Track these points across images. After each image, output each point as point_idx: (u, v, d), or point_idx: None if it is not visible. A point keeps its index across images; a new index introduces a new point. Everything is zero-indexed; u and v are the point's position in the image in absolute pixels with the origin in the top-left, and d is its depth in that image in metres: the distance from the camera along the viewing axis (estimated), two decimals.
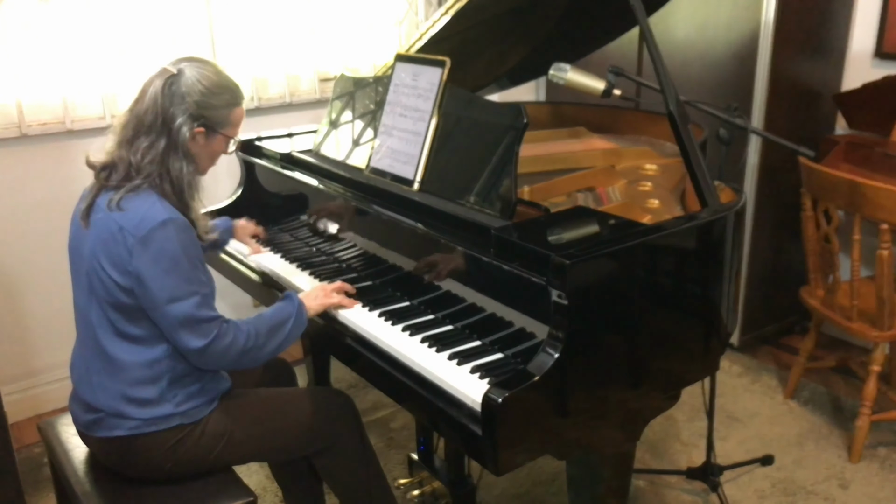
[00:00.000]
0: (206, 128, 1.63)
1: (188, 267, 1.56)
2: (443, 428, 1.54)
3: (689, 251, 1.62)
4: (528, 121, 1.67)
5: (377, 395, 2.96)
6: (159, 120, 1.59)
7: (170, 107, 1.59)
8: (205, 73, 1.63)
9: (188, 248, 1.57)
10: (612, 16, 2.31)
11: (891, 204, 2.26)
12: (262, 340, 1.65)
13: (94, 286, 1.60)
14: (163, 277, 1.53)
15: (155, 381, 1.61)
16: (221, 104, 1.64)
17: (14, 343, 2.85)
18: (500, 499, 2.41)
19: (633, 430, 1.68)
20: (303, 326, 1.73)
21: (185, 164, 1.62)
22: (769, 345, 3.36)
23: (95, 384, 1.64)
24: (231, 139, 1.71)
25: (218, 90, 1.63)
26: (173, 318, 1.55)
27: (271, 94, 3.22)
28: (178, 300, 1.55)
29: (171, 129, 1.59)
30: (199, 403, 1.66)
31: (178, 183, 1.61)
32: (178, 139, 1.60)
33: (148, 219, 1.54)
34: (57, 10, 2.66)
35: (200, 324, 1.57)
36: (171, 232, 1.54)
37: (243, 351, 1.62)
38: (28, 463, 2.62)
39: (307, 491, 2.07)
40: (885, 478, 2.49)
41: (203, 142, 1.65)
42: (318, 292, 1.80)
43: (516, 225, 1.60)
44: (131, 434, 1.62)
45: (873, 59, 3.05)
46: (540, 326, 1.49)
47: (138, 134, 1.60)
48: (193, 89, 1.60)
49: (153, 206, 1.56)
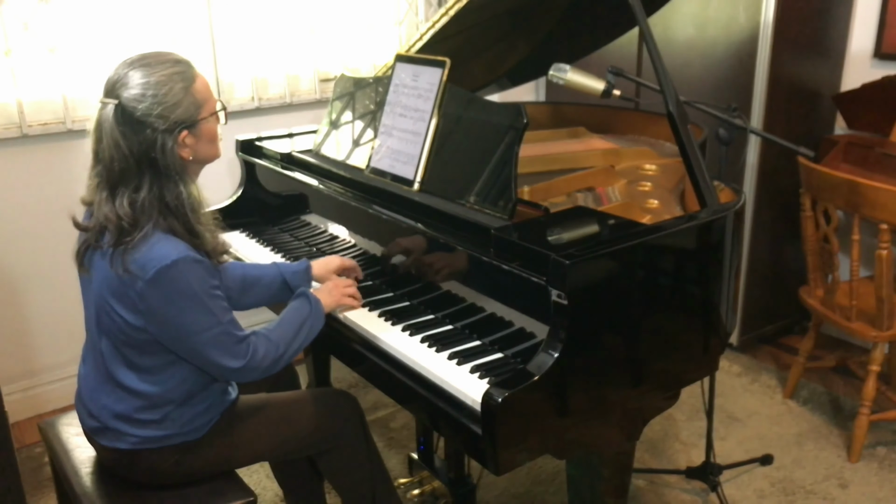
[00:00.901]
0: (187, 127, 1.48)
1: (206, 299, 1.47)
2: (443, 427, 1.54)
3: (688, 251, 1.63)
4: (528, 121, 1.68)
5: (377, 395, 2.97)
6: (132, 160, 1.43)
7: (137, 139, 1.43)
8: (141, 80, 1.44)
9: (203, 281, 1.47)
10: (612, 16, 2.31)
11: (890, 204, 2.27)
12: (289, 344, 1.62)
13: (102, 321, 1.54)
14: (180, 316, 1.46)
15: (161, 406, 1.59)
16: (180, 95, 1.46)
17: (15, 343, 2.85)
18: (500, 498, 2.42)
19: (632, 429, 1.68)
20: (321, 323, 1.69)
21: (182, 185, 1.48)
22: (768, 344, 3.36)
23: (101, 403, 1.61)
24: (217, 112, 1.56)
25: (166, 84, 1.45)
26: (203, 347, 1.49)
27: (271, 95, 3.22)
28: (203, 331, 1.48)
29: (155, 157, 1.44)
30: (204, 421, 1.65)
31: (181, 211, 1.48)
32: (168, 161, 1.45)
33: (154, 260, 1.43)
34: (57, 10, 2.66)
35: (232, 346, 1.52)
36: (182, 271, 1.44)
37: (276, 359, 1.59)
38: (29, 463, 2.63)
39: (307, 490, 2.07)
40: (884, 477, 2.49)
41: (192, 140, 1.50)
42: (332, 288, 1.75)
43: (516, 225, 1.60)
44: (134, 448, 1.61)
45: (872, 60, 3.06)
46: (540, 326, 1.50)
47: (115, 187, 1.45)
48: (146, 104, 1.42)
49: (157, 244, 1.44)
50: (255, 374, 1.58)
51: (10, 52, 2.61)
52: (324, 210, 2.18)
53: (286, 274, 1.85)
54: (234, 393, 1.74)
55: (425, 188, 1.85)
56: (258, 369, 1.57)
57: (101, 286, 1.52)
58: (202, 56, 2.99)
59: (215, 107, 1.56)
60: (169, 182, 1.47)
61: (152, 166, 1.45)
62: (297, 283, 1.84)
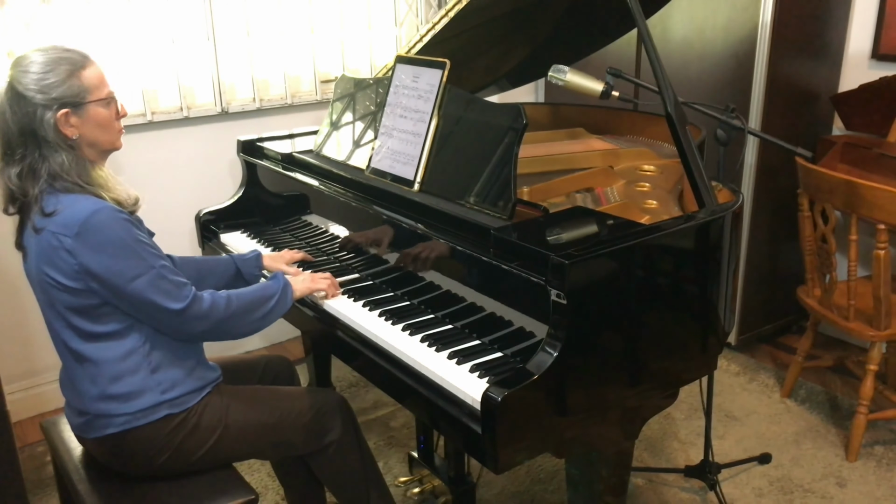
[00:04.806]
0: (69, 106, 1.55)
1: (134, 245, 1.55)
2: (443, 426, 1.55)
3: (686, 251, 1.64)
4: (528, 122, 1.69)
5: (377, 394, 2.98)
6: (16, 130, 1.54)
7: (19, 111, 1.53)
8: (28, 61, 1.55)
9: (126, 230, 1.54)
10: (611, 18, 2.32)
11: (887, 204, 2.28)
12: (244, 311, 1.68)
13: (51, 298, 1.60)
14: (113, 263, 1.52)
15: (133, 373, 1.62)
16: (63, 77, 1.54)
17: (17, 342, 2.86)
18: (499, 497, 2.43)
19: (631, 428, 1.69)
20: (287, 305, 1.77)
21: (65, 154, 1.56)
22: (767, 344, 3.37)
23: (78, 390, 1.65)
24: (108, 101, 1.62)
25: (50, 66, 1.54)
26: (142, 292, 1.55)
27: (272, 96, 3.23)
28: (140, 276, 1.54)
29: (36, 130, 1.54)
30: (186, 391, 1.66)
31: (70, 178, 1.56)
32: (48, 134, 1.54)
33: (75, 214, 1.52)
34: (57, 10, 2.67)
35: (171, 289, 1.57)
36: (103, 219, 1.52)
37: (224, 318, 1.65)
38: (31, 462, 2.64)
39: (308, 489, 2.08)
40: (881, 476, 2.50)
41: (77, 120, 1.57)
42: (306, 276, 1.86)
43: (516, 225, 1.61)
44: (122, 430, 1.62)
45: (870, 61, 3.07)
46: (539, 325, 1.51)
47: (5, 156, 1.57)
48: (27, 81, 1.53)
49: (76, 201, 1.54)
50: (201, 323, 1.62)
51: (11, 52, 2.61)
52: (324, 210, 2.19)
53: (238, 262, 2.01)
54: (216, 369, 1.76)
55: (425, 189, 1.86)
56: (205, 318, 1.62)
57: (38, 260, 1.57)
58: (203, 57, 3.00)
59: (104, 95, 1.61)
60: (53, 152, 1.56)
61: (35, 137, 1.55)
62: (248, 270, 2.00)
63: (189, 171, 3.04)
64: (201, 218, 2.46)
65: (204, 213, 2.46)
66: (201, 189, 2.99)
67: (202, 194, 2.84)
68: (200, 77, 3.03)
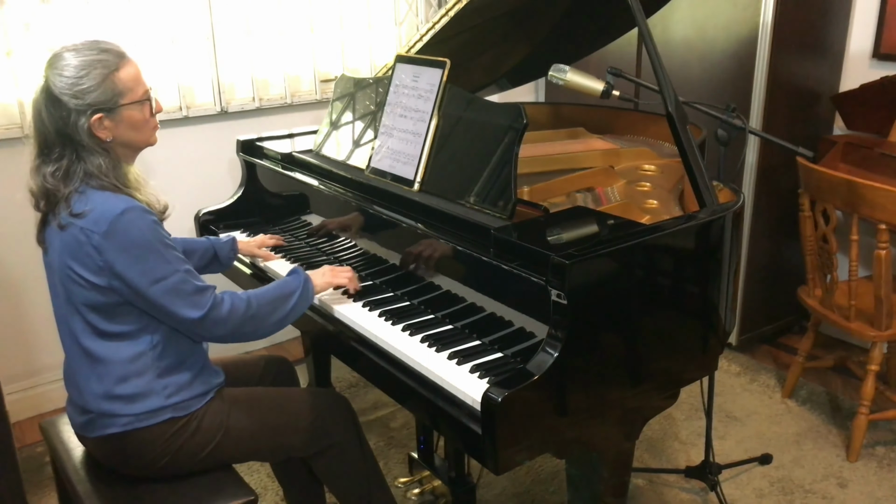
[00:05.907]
0: (102, 111, 1.54)
1: (161, 248, 1.54)
2: (443, 427, 1.55)
3: (687, 251, 1.63)
4: (528, 121, 1.68)
5: (377, 395, 2.97)
6: (52, 132, 1.55)
7: (55, 113, 1.53)
8: (62, 63, 1.53)
9: (154, 231, 1.54)
10: (612, 17, 2.32)
11: (888, 204, 2.27)
12: (266, 310, 1.66)
13: (70, 293, 1.59)
14: (138, 264, 1.52)
15: (140, 375, 1.61)
16: (97, 81, 1.53)
17: (16, 342, 2.85)
18: (499, 497, 2.42)
19: (632, 428, 1.69)
20: (309, 301, 1.75)
21: (101, 158, 1.56)
22: (767, 344, 3.37)
23: (83, 388, 1.64)
24: (142, 102, 1.61)
25: (84, 70, 1.53)
26: (161, 297, 1.54)
27: (272, 95, 3.23)
28: (162, 279, 1.53)
29: (71, 134, 1.54)
30: (191, 395, 1.66)
31: (106, 179, 1.56)
32: (83, 138, 1.54)
33: (106, 212, 1.51)
34: (57, 10, 2.67)
35: (192, 294, 1.56)
36: (133, 219, 1.52)
37: (245, 319, 1.63)
38: (30, 462, 2.63)
39: (308, 490, 2.07)
40: (882, 477, 2.50)
41: (111, 124, 1.56)
42: (326, 270, 1.84)
43: (516, 225, 1.61)
44: (124, 431, 1.62)
45: (871, 60, 3.06)
46: (539, 326, 1.50)
47: (41, 156, 1.58)
48: (61, 84, 1.52)
49: (107, 199, 1.54)
50: (221, 328, 1.61)
51: (11, 52, 2.61)
52: (324, 210, 2.18)
53: (216, 245, 2.07)
54: (220, 374, 1.75)
55: (425, 188, 1.86)
56: (224, 323, 1.61)
57: (62, 254, 1.57)
58: (202, 56, 3.00)
59: (140, 96, 1.60)
60: (89, 155, 1.56)
61: (71, 140, 1.55)
62: (224, 253, 2.07)
63: (188, 170, 3.04)
64: (201, 218, 2.45)
65: (203, 212, 2.46)
66: (201, 189, 2.98)
67: (201, 194, 2.84)
68: (200, 77, 3.03)
